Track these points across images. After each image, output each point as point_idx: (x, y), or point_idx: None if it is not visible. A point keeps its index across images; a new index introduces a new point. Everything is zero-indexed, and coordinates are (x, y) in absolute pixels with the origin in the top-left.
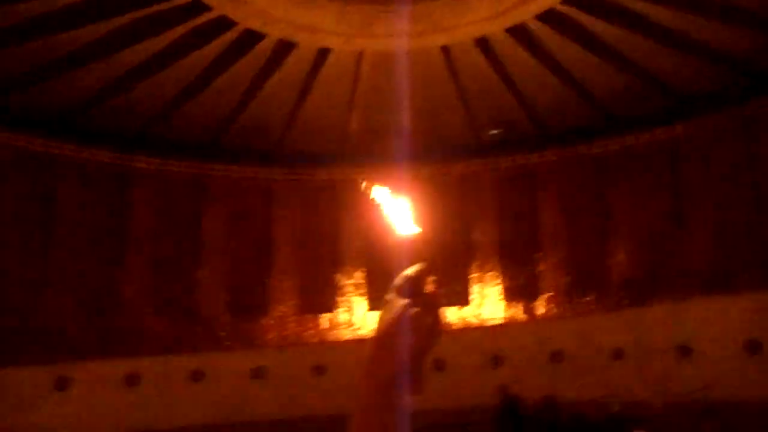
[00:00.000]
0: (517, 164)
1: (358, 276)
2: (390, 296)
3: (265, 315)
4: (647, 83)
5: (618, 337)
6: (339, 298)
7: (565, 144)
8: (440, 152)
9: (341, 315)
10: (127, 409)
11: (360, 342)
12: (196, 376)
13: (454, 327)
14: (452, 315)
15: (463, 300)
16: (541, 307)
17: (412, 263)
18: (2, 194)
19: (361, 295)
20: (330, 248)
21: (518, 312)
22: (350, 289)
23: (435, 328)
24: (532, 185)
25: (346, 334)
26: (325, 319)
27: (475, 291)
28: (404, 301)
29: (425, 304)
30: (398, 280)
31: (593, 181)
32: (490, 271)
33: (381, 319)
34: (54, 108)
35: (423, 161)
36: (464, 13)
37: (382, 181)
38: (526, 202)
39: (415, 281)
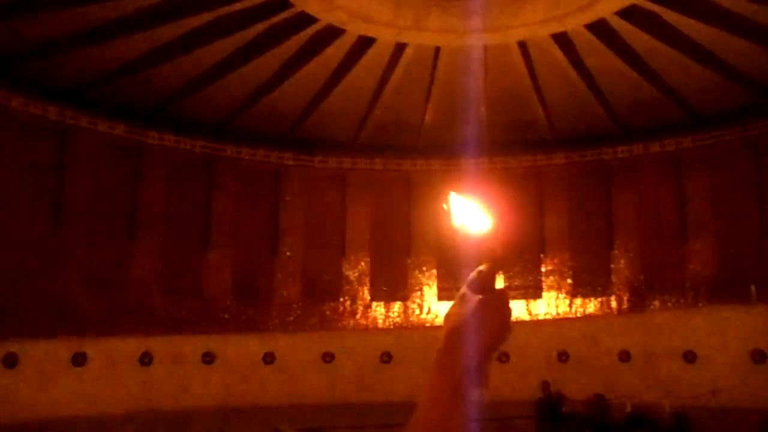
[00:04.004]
0: (523, 165)
1: (363, 266)
2: (462, 291)
3: (269, 300)
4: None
5: (623, 339)
6: (343, 287)
7: (574, 148)
8: (450, 148)
9: (345, 303)
10: (140, 388)
11: (363, 331)
12: (206, 358)
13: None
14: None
15: None
16: (545, 307)
17: (478, 259)
18: (12, 162)
19: (363, 285)
20: (336, 236)
21: (523, 311)
22: (354, 278)
23: (505, 323)
24: (539, 187)
25: (349, 323)
26: (328, 306)
27: None
28: (476, 297)
29: (496, 300)
30: (471, 276)
31: (602, 185)
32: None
33: (453, 313)
34: (71, 79)
35: (437, 155)
36: (516, 15)
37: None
38: (535, 203)
39: (487, 277)
